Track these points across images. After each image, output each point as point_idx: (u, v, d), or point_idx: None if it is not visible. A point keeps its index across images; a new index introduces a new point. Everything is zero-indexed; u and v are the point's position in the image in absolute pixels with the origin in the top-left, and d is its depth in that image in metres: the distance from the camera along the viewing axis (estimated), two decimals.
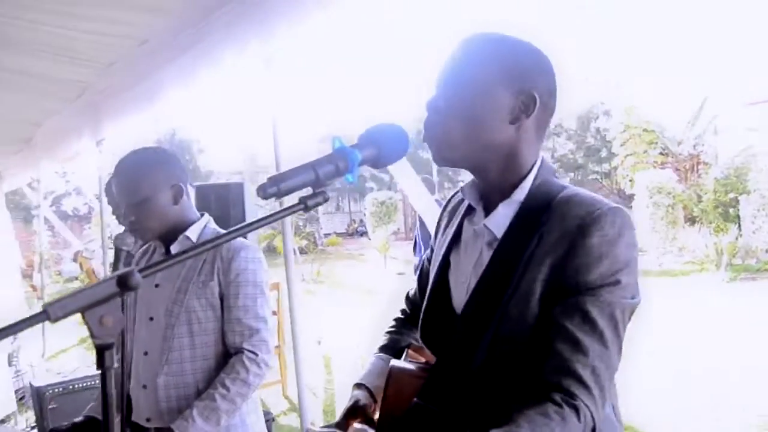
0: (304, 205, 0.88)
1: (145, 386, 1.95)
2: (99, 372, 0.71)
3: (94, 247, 11.36)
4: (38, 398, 3.83)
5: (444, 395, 1.15)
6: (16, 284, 8.97)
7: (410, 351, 1.41)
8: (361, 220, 28.11)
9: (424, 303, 1.30)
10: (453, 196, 1.41)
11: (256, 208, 5.63)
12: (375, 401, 1.32)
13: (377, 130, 1.04)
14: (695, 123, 18.31)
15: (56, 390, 3.80)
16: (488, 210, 1.21)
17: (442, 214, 1.41)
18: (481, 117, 1.14)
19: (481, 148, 1.15)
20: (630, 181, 15.39)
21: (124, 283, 0.71)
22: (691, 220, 14.75)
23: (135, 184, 1.91)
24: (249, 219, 4.88)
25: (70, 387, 3.85)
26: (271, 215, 0.88)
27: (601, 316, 1.04)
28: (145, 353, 1.97)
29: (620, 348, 1.07)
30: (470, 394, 1.12)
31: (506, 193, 1.18)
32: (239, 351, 1.90)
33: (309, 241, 19.26)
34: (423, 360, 1.34)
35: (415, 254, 7.49)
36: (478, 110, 1.13)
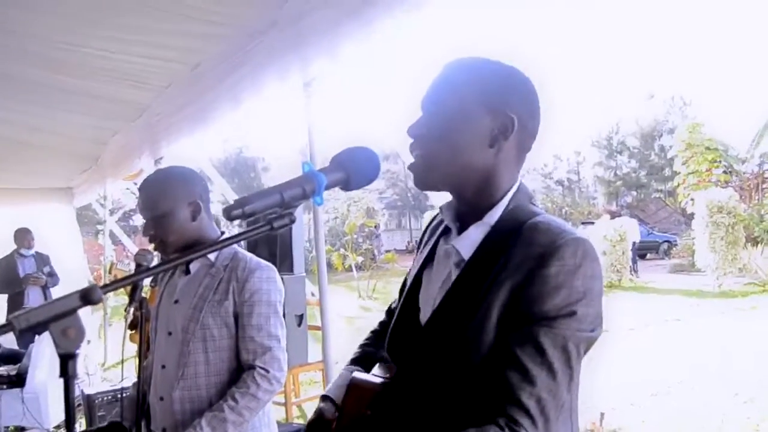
0: (270, 225, 0.93)
1: (162, 398, 2.04)
2: (62, 379, 0.77)
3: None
4: (88, 405, 4.03)
5: (395, 409, 1.18)
6: None
7: (383, 365, 1.44)
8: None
9: (393, 319, 1.32)
10: (437, 215, 1.43)
11: (302, 223, 5.77)
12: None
13: (347, 154, 1.07)
14: (760, 141, 17.60)
15: (105, 398, 3.99)
16: (462, 231, 1.22)
17: (424, 233, 1.44)
18: (461, 141, 1.16)
19: (459, 170, 1.17)
20: (691, 200, 14.92)
21: (86, 298, 0.78)
22: (753, 241, 14.16)
23: (155, 200, 2.01)
24: (295, 235, 5.04)
25: (118, 395, 4.02)
26: (238, 235, 0.94)
27: (554, 347, 1.04)
28: (163, 366, 2.06)
29: (570, 380, 1.07)
30: (420, 410, 1.14)
31: (480, 214, 1.20)
32: (252, 367, 1.97)
33: (366, 257, 19.37)
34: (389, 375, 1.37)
35: None
36: (457, 134, 1.16)
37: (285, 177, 1.01)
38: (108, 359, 8.48)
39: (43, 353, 5.23)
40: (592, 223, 19.44)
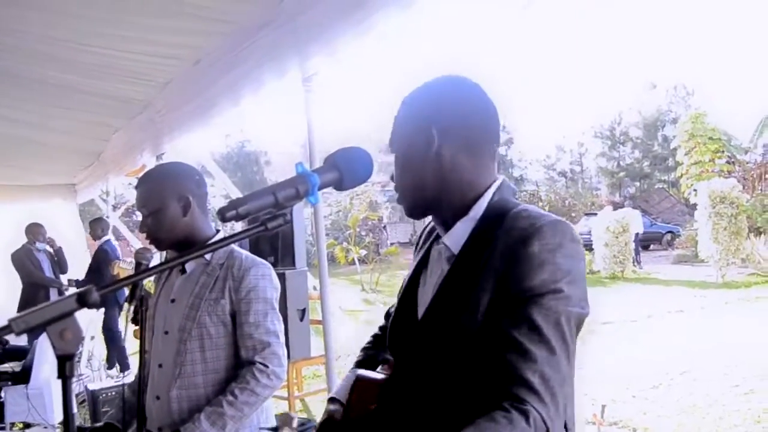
0: (264, 226, 0.95)
1: (158, 397, 2.05)
2: (60, 380, 0.79)
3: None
4: (92, 400, 4.06)
5: (398, 402, 1.21)
6: None
7: (385, 365, 1.47)
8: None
9: (391, 318, 1.37)
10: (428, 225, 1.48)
11: (302, 218, 5.81)
12: None
13: (341, 154, 1.09)
14: (763, 130, 17.55)
15: (109, 394, 4.01)
16: (448, 229, 1.27)
17: (419, 237, 1.48)
18: (411, 163, 1.26)
19: (425, 193, 1.26)
20: (694, 191, 14.91)
21: (82, 301, 0.79)
22: (756, 231, 14.15)
23: (146, 197, 2.04)
24: (297, 230, 5.06)
25: (121, 391, 4.04)
26: (234, 235, 0.95)
27: (547, 323, 1.06)
28: (160, 365, 2.07)
29: (569, 355, 1.09)
30: (424, 402, 1.17)
31: (463, 212, 1.24)
32: (251, 363, 1.98)
33: (369, 250, 19.39)
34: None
35: None
36: (409, 167, 1.27)
37: (287, 171, 1.02)
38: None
39: (48, 350, 5.26)
40: (595, 214, 19.46)
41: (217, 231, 2.15)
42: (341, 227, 22.55)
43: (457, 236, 1.23)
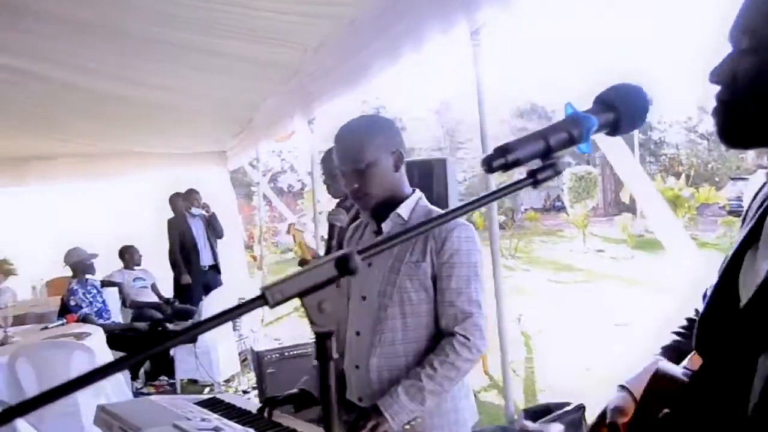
0: (533, 179, 0.78)
1: (357, 366, 1.95)
2: (318, 361, 0.66)
3: (305, 220, 12.18)
4: (258, 362, 4.14)
5: (700, 407, 0.96)
6: (240, 254, 9.82)
7: (694, 357, 1.19)
8: (558, 196, 27.23)
9: (705, 305, 1.06)
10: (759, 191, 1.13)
11: (456, 184, 5.54)
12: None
13: (615, 91, 0.89)
14: None
15: (274, 356, 4.05)
16: None
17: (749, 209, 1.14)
18: None
19: None
20: None
21: (343, 266, 0.66)
22: None
23: (359, 150, 1.87)
24: (451, 195, 4.86)
25: (286, 354, 4.08)
26: (497, 191, 0.79)
27: None
28: (357, 333, 1.95)
29: None
30: (729, 410, 0.89)
31: None
32: (451, 334, 1.82)
33: (507, 216, 19.01)
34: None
35: None
36: None
37: (421, 137, 0.83)
38: (265, 317, 8.76)
39: (213, 310, 5.46)
40: (744, 179, 17.98)
41: (414, 190, 2.00)
42: (477, 192, 22.27)
43: None
